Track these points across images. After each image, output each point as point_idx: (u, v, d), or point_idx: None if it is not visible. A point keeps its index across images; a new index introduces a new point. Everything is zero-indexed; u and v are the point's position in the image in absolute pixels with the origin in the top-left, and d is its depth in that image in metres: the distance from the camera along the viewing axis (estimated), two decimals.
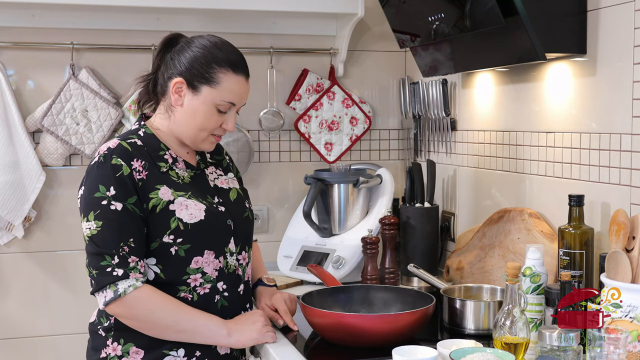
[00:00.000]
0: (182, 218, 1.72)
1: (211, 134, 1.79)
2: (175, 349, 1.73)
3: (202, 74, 1.74)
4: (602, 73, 1.87)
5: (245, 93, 1.80)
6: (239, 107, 1.81)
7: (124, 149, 1.72)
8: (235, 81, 1.76)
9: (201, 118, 1.76)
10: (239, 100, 1.79)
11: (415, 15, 2.32)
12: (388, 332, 1.73)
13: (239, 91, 1.77)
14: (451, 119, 2.59)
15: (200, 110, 1.75)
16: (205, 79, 1.74)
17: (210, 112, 1.76)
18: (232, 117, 1.79)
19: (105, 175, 1.68)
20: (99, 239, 1.66)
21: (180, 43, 1.79)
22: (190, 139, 1.79)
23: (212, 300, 1.77)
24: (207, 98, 1.75)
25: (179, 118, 1.78)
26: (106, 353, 1.74)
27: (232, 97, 1.76)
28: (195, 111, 1.76)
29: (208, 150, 1.84)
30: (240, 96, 1.79)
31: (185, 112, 1.77)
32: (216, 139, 1.81)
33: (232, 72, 1.75)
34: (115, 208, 1.67)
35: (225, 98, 1.75)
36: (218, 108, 1.76)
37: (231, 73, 1.75)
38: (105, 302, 1.66)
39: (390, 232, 2.44)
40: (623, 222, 1.57)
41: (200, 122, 1.76)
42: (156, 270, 1.73)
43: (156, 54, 1.83)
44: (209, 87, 1.74)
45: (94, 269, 1.67)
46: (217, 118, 1.77)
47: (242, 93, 1.78)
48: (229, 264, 1.80)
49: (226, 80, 1.75)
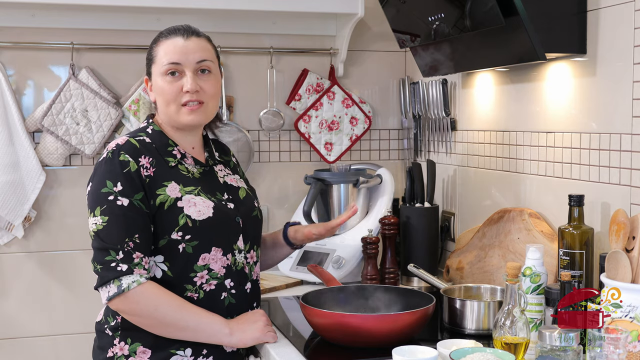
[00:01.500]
0: (191, 215, 1.72)
1: (182, 105, 1.79)
2: (183, 349, 1.73)
3: (148, 60, 1.84)
4: (602, 73, 1.87)
5: (188, 49, 1.79)
6: (192, 64, 1.79)
7: (132, 146, 1.74)
8: (168, 43, 1.80)
9: (161, 94, 1.80)
10: (181, 58, 1.78)
11: (415, 15, 2.32)
12: (388, 332, 1.73)
13: (174, 49, 1.79)
14: (451, 119, 2.60)
15: (158, 88, 1.81)
16: (149, 60, 1.83)
17: (162, 83, 1.79)
18: (188, 78, 1.78)
19: (112, 171, 1.70)
20: (105, 234, 1.67)
21: None
22: (169, 119, 1.82)
23: (219, 297, 1.77)
24: (156, 74, 1.81)
25: (158, 108, 1.85)
26: (113, 352, 1.74)
27: (169, 57, 1.78)
28: (157, 92, 1.82)
29: (192, 123, 1.81)
30: (178, 53, 1.78)
31: (157, 100, 1.83)
32: (190, 109, 1.79)
33: (164, 39, 1.81)
34: (121, 203, 1.68)
35: (164, 62, 1.78)
36: (168, 73, 1.78)
37: (164, 39, 1.81)
38: (108, 297, 1.66)
39: (390, 232, 2.44)
40: (623, 222, 1.58)
41: (162, 97, 1.80)
42: (164, 268, 1.73)
43: None
44: (154, 64, 1.82)
45: (99, 264, 1.67)
46: (170, 85, 1.78)
47: (180, 50, 1.78)
48: (237, 262, 1.81)
49: (160, 48, 1.80)
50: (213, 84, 1.82)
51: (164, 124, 1.84)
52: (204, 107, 1.81)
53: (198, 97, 1.79)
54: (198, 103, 1.79)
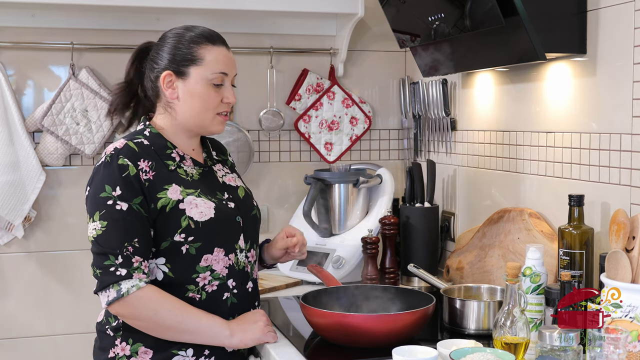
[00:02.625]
0: (193, 216, 1.72)
1: (217, 114, 1.80)
2: (184, 349, 1.73)
3: (184, 58, 1.77)
4: (602, 73, 1.87)
5: (232, 61, 1.82)
6: (232, 77, 1.82)
7: (130, 149, 1.73)
8: (218, 51, 1.79)
9: (200, 99, 1.77)
10: (229, 69, 1.80)
11: (415, 15, 2.32)
12: (388, 332, 1.73)
13: (224, 60, 1.79)
14: (451, 119, 2.60)
15: (197, 92, 1.77)
16: (190, 60, 1.77)
17: (206, 90, 1.77)
18: (229, 89, 1.80)
19: (111, 175, 1.69)
20: (104, 239, 1.66)
21: (154, 44, 1.85)
22: (198, 125, 1.80)
23: (221, 297, 1.77)
24: (198, 77, 1.77)
25: (181, 110, 1.79)
26: (114, 353, 1.74)
27: (221, 67, 1.78)
28: (193, 95, 1.77)
29: (219, 132, 1.83)
30: (227, 65, 1.80)
31: (184, 101, 1.78)
32: (223, 118, 1.82)
33: (211, 44, 1.79)
34: (120, 208, 1.67)
35: (215, 69, 1.77)
36: (212, 82, 1.77)
37: (211, 45, 1.78)
38: (108, 301, 1.66)
39: (390, 232, 2.44)
40: (623, 222, 1.58)
41: (201, 103, 1.78)
42: (165, 270, 1.73)
43: (130, 64, 1.87)
44: (196, 67, 1.77)
45: (98, 269, 1.67)
46: (214, 94, 1.78)
47: (227, 61, 1.80)
48: (239, 261, 1.81)
49: (208, 53, 1.78)
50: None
51: (165, 127, 1.81)
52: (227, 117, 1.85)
53: (229, 109, 1.83)
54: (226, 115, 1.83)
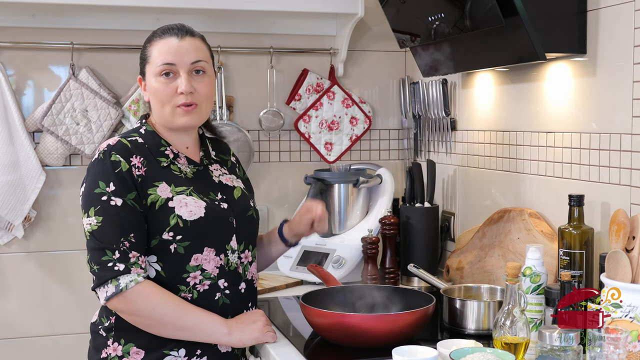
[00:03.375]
0: (182, 215, 1.72)
1: (176, 107, 1.78)
2: (176, 349, 1.73)
3: (142, 60, 1.82)
4: (602, 73, 1.87)
5: (182, 49, 1.77)
6: (187, 65, 1.77)
7: (123, 146, 1.74)
8: (163, 44, 1.78)
9: (154, 94, 1.79)
10: (174, 58, 1.77)
11: (415, 15, 2.32)
12: (388, 332, 1.73)
13: (169, 50, 1.77)
14: (451, 119, 2.60)
15: (151, 88, 1.79)
16: (143, 60, 1.82)
17: (156, 84, 1.78)
18: (183, 79, 1.76)
19: (104, 172, 1.70)
20: (100, 234, 1.67)
21: None
22: (164, 121, 1.81)
23: (213, 297, 1.77)
24: (150, 75, 1.79)
25: (152, 108, 1.83)
26: (107, 353, 1.74)
27: (163, 58, 1.77)
28: (151, 92, 1.80)
29: (187, 124, 1.80)
30: (174, 54, 1.77)
31: (150, 100, 1.82)
32: (185, 110, 1.78)
33: (158, 38, 1.79)
34: (115, 203, 1.68)
35: (158, 62, 1.77)
36: (162, 74, 1.77)
37: (157, 40, 1.79)
38: (106, 297, 1.66)
39: (390, 232, 2.44)
40: (623, 222, 1.58)
41: (156, 98, 1.79)
42: (157, 268, 1.73)
43: None
44: (148, 65, 1.80)
45: (95, 264, 1.67)
46: (165, 87, 1.77)
47: (175, 51, 1.77)
48: (230, 262, 1.80)
49: (154, 48, 1.79)
50: (207, 85, 1.81)
51: (157, 124, 1.83)
52: (198, 108, 1.79)
53: (192, 99, 1.78)
54: (193, 105, 1.79)
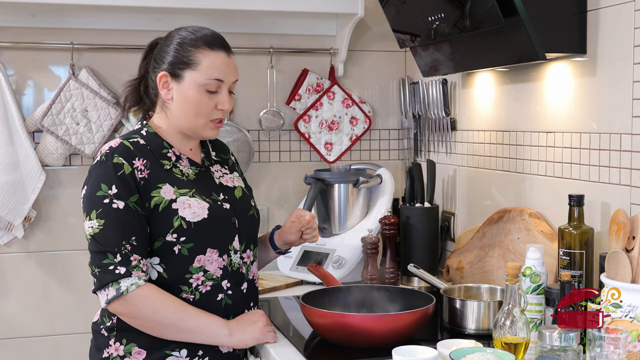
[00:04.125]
0: (185, 217, 1.72)
1: (210, 120, 1.78)
2: (178, 349, 1.73)
3: (181, 60, 1.75)
4: (602, 73, 1.87)
5: (230, 68, 1.78)
6: (230, 84, 1.79)
7: (125, 148, 1.73)
8: (215, 57, 1.76)
9: (193, 103, 1.76)
10: (225, 76, 1.77)
11: (415, 15, 2.32)
12: (388, 332, 1.73)
13: (221, 66, 1.76)
14: (451, 119, 2.60)
15: (190, 96, 1.75)
16: (185, 64, 1.75)
17: (199, 95, 1.75)
18: (225, 96, 1.77)
19: (107, 174, 1.69)
20: (101, 237, 1.66)
21: (160, 42, 1.82)
22: (190, 128, 1.79)
23: (215, 298, 1.77)
24: (192, 82, 1.75)
25: (174, 110, 1.78)
26: (108, 353, 1.74)
27: (216, 74, 1.75)
28: (186, 98, 1.76)
29: (211, 137, 1.82)
30: (225, 71, 1.77)
31: (177, 103, 1.77)
32: (216, 125, 1.79)
33: (209, 49, 1.76)
34: (117, 206, 1.67)
35: (210, 76, 1.75)
36: (206, 88, 1.75)
37: (208, 50, 1.75)
38: (107, 300, 1.66)
39: (390, 232, 2.44)
40: (623, 222, 1.58)
41: (193, 108, 1.76)
42: (159, 270, 1.73)
43: (142, 60, 1.85)
44: (191, 70, 1.75)
45: (96, 267, 1.67)
46: (208, 100, 1.76)
47: (225, 68, 1.77)
48: (233, 262, 1.80)
49: (205, 58, 1.75)
50: (233, 102, 1.82)
51: (163, 127, 1.81)
52: (222, 123, 1.83)
53: (224, 115, 1.81)
54: (220, 121, 1.81)
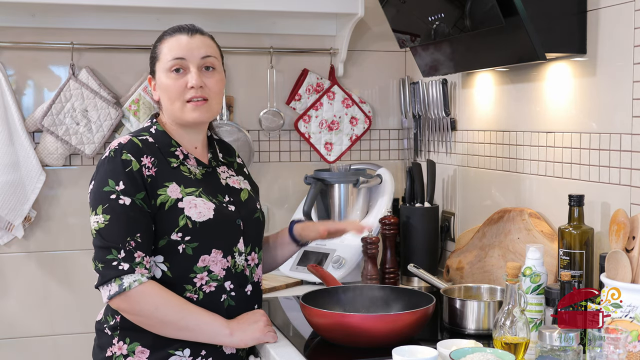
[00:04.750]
0: (191, 216, 1.72)
1: (187, 102, 1.78)
2: (181, 349, 1.73)
3: (152, 58, 1.84)
4: (602, 73, 1.87)
5: (192, 45, 1.79)
6: (197, 60, 1.78)
7: (134, 145, 1.74)
8: (173, 40, 1.80)
9: (165, 90, 1.80)
10: (185, 53, 1.78)
11: (415, 15, 2.32)
12: (388, 332, 1.73)
13: (179, 46, 1.79)
14: (451, 119, 2.60)
15: (162, 85, 1.80)
16: (153, 59, 1.83)
17: (167, 80, 1.79)
18: (193, 73, 1.77)
19: (115, 170, 1.70)
20: (106, 233, 1.67)
21: None
22: (174, 116, 1.81)
23: (219, 299, 1.77)
24: (160, 72, 1.80)
25: (162, 106, 1.84)
26: (112, 352, 1.74)
27: (174, 53, 1.78)
28: (161, 89, 1.81)
29: (197, 120, 1.80)
30: (185, 49, 1.78)
31: (161, 98, 1.83)
32: (194, 104, 1.78)
33: (169, 36, 1.81)
34: (123, 202, 1.68)
35: (169, 57, 1.78)
36: (172, 70, 1.78)
37: (168, 38, 1.81)
38: (109, 295, 1.66)
39: (390, 232, 2.44)
40: (623, 222, 1.58)
41: (166, 94, 1.80)
42: (163, 269, 1.73)
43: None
44: (158, 62, 1.81)
45: (100, 262, 1.67)
46: (175, 82, 1.78)
47: (185, 46, 1.78)
48: (237, 264, 1.80)
49: (164, 46, 1.80)
50: (217, 81, 1.81)
51: (168, 124, 1.84)
52: (208, 104, 1.80)
53: (202, 93, 1.78)
54: (202, 100, 1.78)
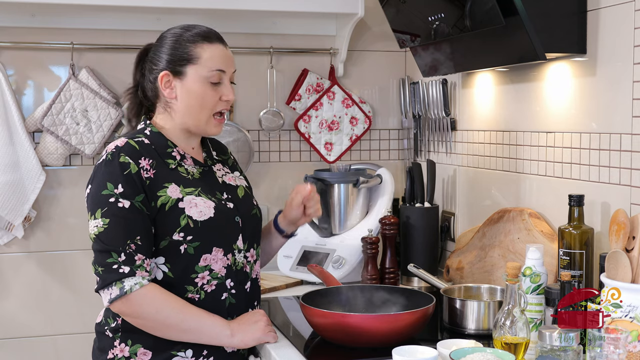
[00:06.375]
0: (192, 216, 1.72)
1: (213, 115, 1.79)
2: (184, 350, 1.73)
3: (181, 57, 1.77)
4: (602, 73, 1.87)
5: (229, 59, 1.81)
6: (230, 74, 1.81)
7: (131, 148, 1.73)
8: (214, 49, 1.79)
9: (198, 97, 1.77)
10: (226, 66, 1.79)
11: (415, 15, 2.32)
12: (388, 332, 1.73)
13: (221, 57, 1.79)
14: (451, 119, 2.60)
15: (194, 90, 1.77)
16: (186, 60, 1.77)
17: (204, 88, 1.77)
18: (228, 87, 1.79)
19: (113, 173, 1.69)
20: (106, 236, 1.66)
21: (153, 46, 1.84)
22: (195, 125, 1.80)
23: (220, 297, 1.77)
24: (195, 76, 1.77)
25: (179, 109, 1.79)
26: (113, 354, 1.74)
27: (218, 64, 1.78)
28: (190, 94, 1.77)
29: (215, 134, 1.83)
30: (224, 62, 1.79)
31: (182, 101, 1.78)
32: (218, 121, 1.81)
33: (208, 42, 1.79)
34: (122, 205, 1.67)
35: (212, 67, 1.77)
36: (210, 80, 1.77)
37: (207, 44, 1.78)
38: (110, 299, 1.66)
39: (390, 232, 2.44)
40: (623, 222, 1.58)
41: (199, 101, 1.77)
42: (164, 270, 1.73)
43: (135, 67, 1.87)
44: (193, 65, 1.77)
45: (100, 266, 1.67)
46: (212, 92, 1.78)
47: (225, 59, 1.80)
48: (237, 261, 1.81)
49: (205, 52, 1.77)
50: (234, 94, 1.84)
51: (166, 127, 1.82)
52: (224, 119, 1.84)
53: (228, 107, 1.82)
54: (222, 115, 1.82)
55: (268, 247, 2.05)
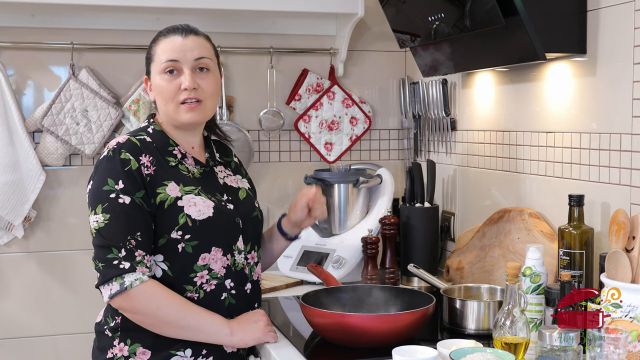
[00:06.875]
0: (191, 214, 1.72)
1: (180, 104, 1.79)
2: (183, 349, 1.73)
3: (147, 59, 1.85)
4: (602, 73, 1.87)
5: (186, 46, 1.79)
6: (190, 62, 1.79)
7: (132, 144, 1.74)
8: (167, 41, 1.81)
9: (159, 92, 1.81)
10: (178, 55, 1.78)
11: (415, 15, 2.32)
12: (388, 332, 1.73)
13: (172, 47, 1.79)
14: (451, 119, 2.60)
15: (156, 86, 1.81)
16: (149, 59, 1.84)
17: (161, 82, 1.79)
18: (186, 75, 1.78)
19: (114, 169, 1.70)
20: (106, 232, 1.67)
21: None
22: (168, 117, 1.82)
23: (219, 297, 1.77)
24: (154, 73, 1.81)
25: (158, 107, 1.85)
26: (113, 353, 1.74)
27: (168, 55, 1.78)
28: (155, 90, 1.82)
29: (190, 121, 1.80)
30: (176, 51, 1.79)
31: (155, 99, 1.84)
32: (188, 106, 1.79)
33: (163, 37, 1.82)
34: (123, 201, 1.68)
35: (162, 59, 1.79)
36: (166, 71, 1.78)
37: (162, 38, 1.82)
38: (110, 294, 1.66)
39: (390, 232, 2.44)
40: (623, 222, 1.58)
41: (160, 96, 1.81)
42: (164, 268, 1.73)
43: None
44: (152, 63, 1.82)
45: (100, 262, 1.67)
46: (168, 83, 1.79)
47: (179, 48, 1.79)
48: (237, 262, 1.81)
49: (158, 47, 1.81)
50: (211, 82, 1.82)
51: (164, 124, 1.84)
52: (202, 105, 1.80)
53: (196, 95, 1.79)
54: (196, 101, 1.79)
55: (271, 251, 2.05)
